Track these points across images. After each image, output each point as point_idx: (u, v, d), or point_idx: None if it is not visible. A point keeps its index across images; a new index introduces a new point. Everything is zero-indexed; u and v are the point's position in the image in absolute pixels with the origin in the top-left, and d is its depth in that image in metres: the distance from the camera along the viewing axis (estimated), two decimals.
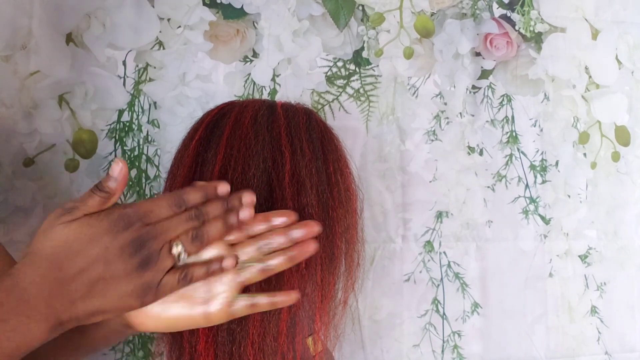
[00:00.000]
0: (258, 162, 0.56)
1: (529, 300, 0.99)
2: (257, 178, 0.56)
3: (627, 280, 1.04)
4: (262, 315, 0.53)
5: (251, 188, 0.55)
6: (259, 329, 0.53)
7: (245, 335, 0.53)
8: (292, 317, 0.56)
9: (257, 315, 0.53)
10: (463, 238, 0.97)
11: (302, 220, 0.54)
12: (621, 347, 1.03)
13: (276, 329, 0.54)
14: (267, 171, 0.56)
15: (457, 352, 0.96)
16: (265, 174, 0.56)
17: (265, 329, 0.54)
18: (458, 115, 0.98)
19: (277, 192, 0.55)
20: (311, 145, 0.58)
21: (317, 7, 0.93)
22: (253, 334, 0.53)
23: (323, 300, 0.57)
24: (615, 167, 1.05)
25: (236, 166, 0.56)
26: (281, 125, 0.58)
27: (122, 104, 0.86)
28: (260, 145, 0.57)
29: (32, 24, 0.82)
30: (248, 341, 0.53)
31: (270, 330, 0.54)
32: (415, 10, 0.98)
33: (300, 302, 0.56)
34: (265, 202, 0.55)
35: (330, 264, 0.58)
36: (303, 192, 0.56)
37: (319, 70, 0.93)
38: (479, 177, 0.99)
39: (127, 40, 0.86)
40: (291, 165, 0.56)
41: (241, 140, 0.58)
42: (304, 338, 0.60)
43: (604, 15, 1.05)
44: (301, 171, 0.57)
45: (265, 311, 0.53)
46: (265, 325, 0.54)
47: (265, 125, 0.58)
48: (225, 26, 0.90)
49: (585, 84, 1.04)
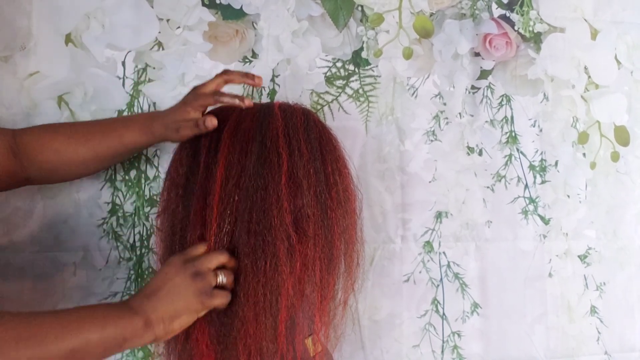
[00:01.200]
0: (256, 164, 0.56)
1: (528, 300, 0.99)
2: (254, 179, 0.56)
3: (627, 280, 1.04)
4: (258, 315, 0.53)
5: (247, 190, 0.55)
6: (254, 329, 0.53)
7: (240, 337, 0.53)
8: (291, 318, 0.56)
9: (252, 315, 0.53)
10: (462, 238, 0.97)
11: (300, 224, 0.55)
12: (621, 347, 1.03)
13: (275, 329, 0.54)
14: (262, 174, 0.56)
15: (457, 352, 0.96)
16: (261, 178, 0.56)
17: (263, 329, 0.54)
18: (457, 116, 0.98)
19: (272, 194, 0.55)
20: (309, 146, 0.58)
21: (316, 8, 0.93)
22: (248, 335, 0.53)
23: (322, 301, 0.57)
24: (615, 167, 1.05)
25: (235, 168, 0.56)
26: (279, 127, 0.58)
27: (121, 105, 0.86)
28: (258, 147, 0.57)
29: (32, 25, 0.83)
30: (240, 343, 0.53)
31: (267, 330, 0.54)
32: (414, 11, 0.98)
33: (299, 303, 0.56)
34: (262, 202, 0.55)
35: (329, 265, 0.58)
36: (299, 194, 0.56)
37: (318, 70, 0.93)
38: (479, 177, 0.99)
39: (126, 40, 0.86)
40: (288, 166, 0.56)
41: (240, 143, 0.58)
42: (304, 339, 0.59)
43: (603, 15, 1.05)
44: (299, 172, 0.56)
45: (262, 311, 0.53)
46: (262, 326, 0.54)
47: (263, 127, 0.58)
48: (224, 27, 0.90)
49: (584, 84, 1.04)
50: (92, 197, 0.84)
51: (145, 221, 0.86)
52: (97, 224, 0.84)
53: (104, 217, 0.85)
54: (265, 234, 0.54)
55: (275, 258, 0.54)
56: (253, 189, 0.55)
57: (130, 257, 0.85)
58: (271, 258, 0.54)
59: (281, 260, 0.54)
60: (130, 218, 0.86)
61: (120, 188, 0.85)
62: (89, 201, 0.84)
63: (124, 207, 0.85)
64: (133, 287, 0.85)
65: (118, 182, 0.85)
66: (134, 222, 0.86)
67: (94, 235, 0.84)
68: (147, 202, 0.86)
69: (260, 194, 0.55)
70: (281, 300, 0.54)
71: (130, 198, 0.86)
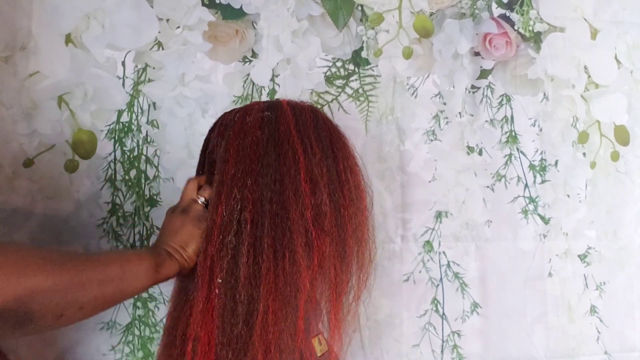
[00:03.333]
0: (269, 160, 0.56)
1: (528, 300, 0.99)
2: (270, 176, 0.55)
3: (627, 280, 1.04)
4: (277, 314, 0.53)
5: (263, 186, 0.55)
6: (274, 323, 0.53)
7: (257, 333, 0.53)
8: (306, 316, 0.56)
9: (271, 315, 0.53)
10: (462, 238, 0.97)
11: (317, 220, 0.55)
12: (620, 347, 1.03)
13: (294, 324, 0.54)
14: (278, 169, 0.56)
15: (457, 351, 0.96)
16: (277, 172, 0.55)
17: (282, 323, 0.53)
18: (457, 115, 0.98)
19: (289, 189, 0.55)
20: (320, 144, 0.58)
21: (316, 7, 0.93)
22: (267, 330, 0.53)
23: (337, 298, 0.57)
24: (615, 166, 1.05)
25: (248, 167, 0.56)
26: (290, 122, 0.58)
27: (121, 105, 0.86)
28: (271, 143, 0.57)
29: (32, 25, 0.83)
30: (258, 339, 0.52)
31: (288, 325, 0.53)
32: (414, 10, 0.98)
33: (315, 301, 0.56)
34: (278, 197, 0.55)
35: (342, 262, 0.58)
36: (317, 191, 0.56)
37: (318, 70, 0.93)
38: (479, 177, 0.99)
39: (126, 40, 0.86)
40: (305, 161, 0.56)
41: (251, 140, 0.57)
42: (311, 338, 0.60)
43: (603, 15, 1.05)
44: (314, 169, 0.56)
45: (282, 305, 0.53)
46: (281, 320, 0.53)
47: (273, 121, 0.58)
48: (224, 27, 0.90)
49: (584, 83, 1.04)
50: (92, 197, 0.84)
51: (145, 221, 0.86)
52: (97, 224, 0.85)
53: (104, 217, 0.85)
54: (284, 227, 0.54)
55: (293, 252, 0.54)
56: (271, 180, 0.55)
57: None
58: (290, 251, 0.54)
59: (298, 254, 0.54)
60: (130, 218, 0.86)
61: (120, 188, 0.86)
62: (89, 201, 0.84)
63: (124, 207, 0.86)
64: None
65: (118, 182, 0.85)
66: (134, 222, 0.86)
67: (94, 235, 0.84)
68: (147, 202, 0.86)
69: (278, 186, 0.55)
70: (300, 296, 0.54)
71: (130, 198, 0.86)
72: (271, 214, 0.54)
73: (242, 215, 0.55)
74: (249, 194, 0.55)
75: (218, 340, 0.53)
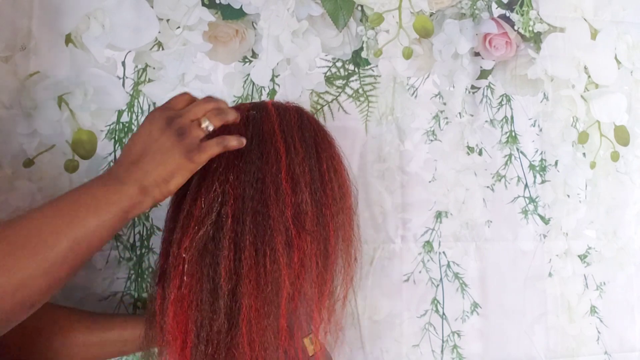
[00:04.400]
0: (252, 158, 0.56)
1: (528, 300, 0.99)
2: (253, 174, 0.56)
3: (627, 280, 1.04)
4: (260, 311, 0.53)
5: (245, 183, 0.56)
6: (257, 320, 0.53)
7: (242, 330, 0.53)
8: (289, 314, 0.56)
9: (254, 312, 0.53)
10: (462, 238, 0.97)
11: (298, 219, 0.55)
12: (621, 347, 1.03)
13: (277, 322, 0.54)
14: (260, 167, 0.56)
15: (457, 352, 0.96)
16: (260, 171, 0.56)
17: (265, 320, 0.54)
18: (457, 115, 0.98)
19: (270, 187, 0.55)
20: (304, 144, 0.59)
21: (316, 8, 0.93)
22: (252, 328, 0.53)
23: (321, 297, 0.57)
24: (615, 166, 1.05)
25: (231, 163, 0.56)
26: (274, 122, 0.59)
27: (121, 105, 0.86)
28: (255, 141, 0.57)
29: (32, 25, 0.83)
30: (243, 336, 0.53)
31: (270, 322, 0.54)
32: (414, 11, 0.98)
33: (297, 299, 0.56)
34: (260, 195, 0.55)
35: (325, 261, 0.58)
36: (298, 190, 0.57)
37: (318, 70, 0.93)
38: (479, 177, 0.99)
39: (126, 41, 0.86)
40: (287, 160, 0.57)
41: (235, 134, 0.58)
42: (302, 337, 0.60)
43: (603, 15, 1.05)
44: (295, 168, 0.57)
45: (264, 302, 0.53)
46: (264, 317, 0.54)
47: (258, 122, 0.59)
48: (224, 27, 0.90)
49: (584, 83, 1.04)
50: None
51: (145, 221, 0.86)
52: None
53: None
54: (265, 225, 0.54)
55: (273, 250, 0.54)
56: (253, 178, 0.55)
57: (130, 257, 0.85)
58: (270, 249, 0.54)
59: (279, 252, 0.54)
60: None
61: None
62: None
63: None
64: (133, 286, 0.85)
65: None
66: (134, 222, 0.86)
67: None
68: None
69: (259, 184, 0.55)
70: (281, 294, 0.54)
71: None
72: (253, 211, 0.55)
73: (223, 209, 0.55)
74: (231, 189, 0.56)
75: (195, 333, 0.53)
